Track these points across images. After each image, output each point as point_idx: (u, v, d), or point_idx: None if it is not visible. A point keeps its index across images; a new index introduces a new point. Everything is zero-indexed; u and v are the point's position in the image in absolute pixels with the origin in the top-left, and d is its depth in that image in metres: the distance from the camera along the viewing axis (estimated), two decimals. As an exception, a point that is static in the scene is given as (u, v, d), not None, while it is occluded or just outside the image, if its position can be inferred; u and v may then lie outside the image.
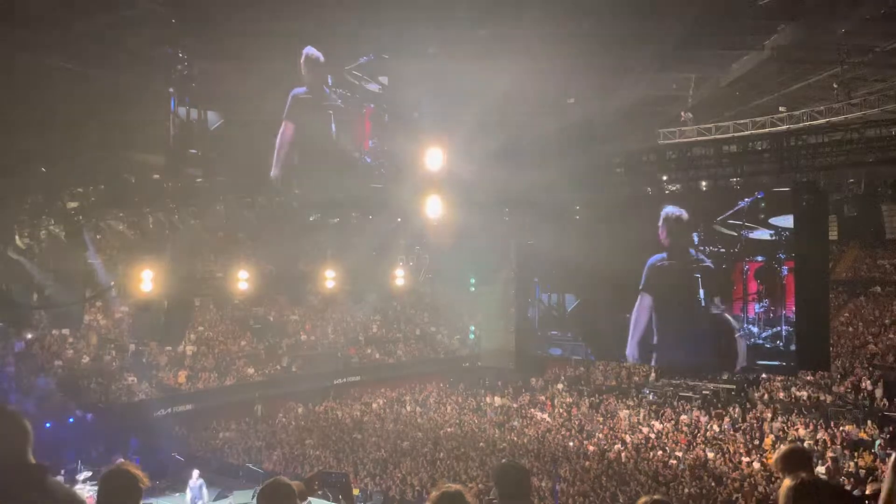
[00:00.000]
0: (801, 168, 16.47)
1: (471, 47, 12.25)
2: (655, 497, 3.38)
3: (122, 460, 18.76)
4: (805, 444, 21.24)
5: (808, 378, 25.54)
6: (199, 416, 26.12)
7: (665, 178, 17.75)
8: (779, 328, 15.95)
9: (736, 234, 16.40)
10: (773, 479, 17.61)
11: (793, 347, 15.71)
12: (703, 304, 16.80)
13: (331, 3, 11.43)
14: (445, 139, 13.49)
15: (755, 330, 16.25)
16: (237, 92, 10.45)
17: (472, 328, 36.02)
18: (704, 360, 18.18)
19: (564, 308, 19.20)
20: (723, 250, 16.61)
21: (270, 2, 10.86)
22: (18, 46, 10.02)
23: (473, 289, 24.80)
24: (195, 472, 18.29)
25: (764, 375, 26.08)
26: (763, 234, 16.14)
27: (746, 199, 16.23)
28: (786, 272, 16.02)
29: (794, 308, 15.81)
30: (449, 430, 25.74)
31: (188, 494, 17.99)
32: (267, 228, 15.65)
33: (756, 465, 19.89)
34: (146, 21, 10.45)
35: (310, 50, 11.07)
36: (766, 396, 25.91)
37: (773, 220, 16.04)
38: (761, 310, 16.22)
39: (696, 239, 16.89)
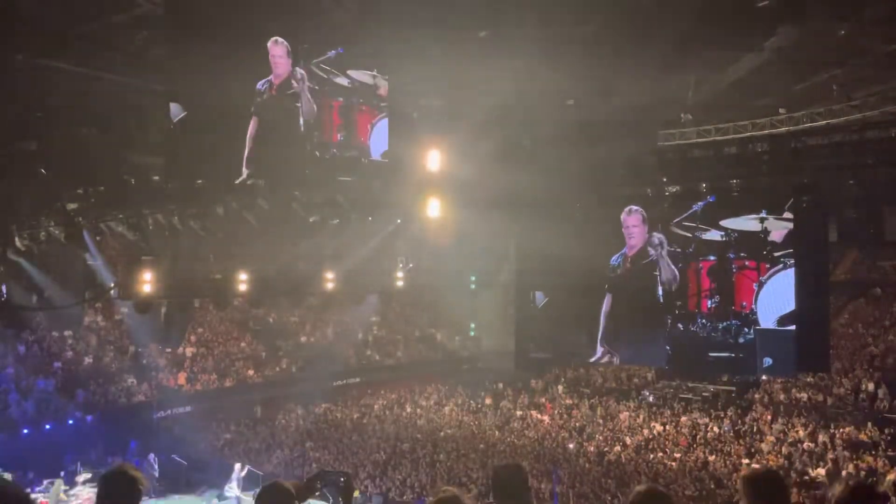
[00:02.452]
0: (800, 170, 16.49)
1: (471, 48, 12.26)
2: (650, 486, 3.43)
3: (148, 457, 19.19)
4: (807, 446, 21.27)
5: (808, 380, 25.53)
6: (198, 417, 26.09)
7: (665, 178, 17.79)
8: (728, 322, 17.17)
9: (690, 235, 17.53)
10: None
11: (741, 340, 16.95)
12: (660, 300, 17.91)
13: (332, 3, 11.46)
14: (445, 140, 13.51)
15: (708, 324, 17.36)
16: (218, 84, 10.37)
17: (472, 325, 36.07)
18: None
19: (535, 306, 19.62)
20: (678, 250, 17.74)
21: (270, 2, 10.88)
22: (18, 48, 10.03)
23: (474, 286, 24.88)
24: (237, 466, 19.39)
25: (764, 377, 26.08)
26: (714, 236, 17.33)
27: (699, 203, 17.35)
28: (735, 270, 17.32)
29: (742, 303, 17.10)
30: (449, 431, 25.73)
31: (234, 487, 18.85)
32: (266, 230, 15.66)
33: (756, 466, 19.86)
34: (145, 23, 10.47)
35: (277, 39, 11.00)
36: (765, 398, 25.90)
37: (724, 223, 17.23)
38: (713, 305, 17.45)
39: (655, 239, 17.86)
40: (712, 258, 17.46)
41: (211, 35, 10.21)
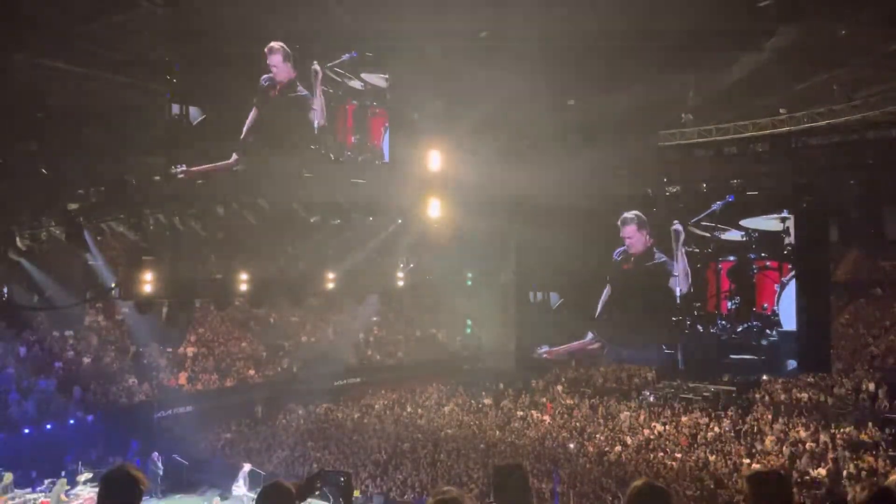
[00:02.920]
0: (801, 170, 16.50)
1: (472, 49, 12.27)
2: (646, 481, 3.42)
3: (152, 455, 19.26)
4: (808, 446, 21.26)
5: (809, 380, 25.51)
6: (199, 417, 26.10)
7: (665, 179, 17.78)
8: (749, 324, 16.71)
9: (709, 235, 17.12)
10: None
11: (763, 342, 16.55)
12: (666, 301, 17.59)
13: (333, 3, 11.47)
14: (445, 140, 13.53)
15: (728, 326, 16.92)
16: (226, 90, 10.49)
17: (469, 322, 36.07)
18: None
19: (549, 306, 19.44)
20: (697, 250, 17.31)
21: (271, 2, 10.89)
22: (18, 48, 10.04)
23: (470, 283, 24.89)
24: (246, 466, 19.48)
25: (765, 377, 26.07)
26: (734, 235, 16.89)
27: (718, 203, 16.94)
28: (756, 271, 16.83)
29: (764, 305, 16.64)
30: (449, 431, 25.72)
31: (241, 485, 18.90)
32: (268, 230, 15.68)
33: (757, 466, 19.84)
34: (146, 23, 10.48)
35: (273, 46, 11.13)
36: (766, 398, 25.89)
37: (744, 222, 16.81)
38: (733, 307, 16.97)
39: (673, 230, 17.50)
40: (732, 258, 17.03)
41: (214, 38, 10.30)
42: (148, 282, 14.54)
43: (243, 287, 16.85)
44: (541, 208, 18.15)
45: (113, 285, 16.21)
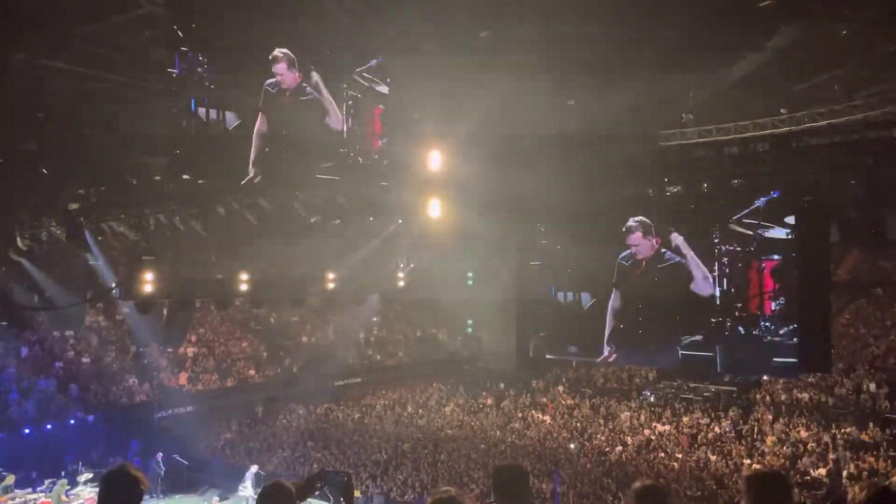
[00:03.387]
0: (801, 170, 16.48)
1: (472, 49, 12.28)
2: (647, 482, 3.42)
3: (156, 456, 19.19)
4: (808, 446, 21.26)
5: (810, 380, 25.50)
6: (200, 417, 26.12)
7: (666, 179, 17.76)
8: (795, 325, 16.06)
9: (751, 233, 16.48)
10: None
11: None
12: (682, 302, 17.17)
13: (333, 4, 11.48)
14: (445, 140, 13.54)
15: (772, 326, 16.29)
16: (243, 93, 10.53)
17: (470, 322, 36.09)
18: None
19: (581, 307, 19.13)
20: (738, 249, 16.68)
21: (271, 3, 10.90)
22: (18, 48, 10.04)
23: (471, 282, 24.86)
24: (254, 467, 19.47)
25: (765, 377, 26.07)
26: (779, 233, 16.26)
27: (762, 199, 16.34)
28: None
29: None
30: (450, 431, 25.73)
31: (248, 486, 18.87)
32: (268, 230, 15.68)
33: (757, 466, 19.82)
34: (147, 23, 10.49)
35: (276, 55, 11.16)
36: (767, 398, 25.88)
37: (790, 219, 16.20)
38: (778, 308, 16.31)
39: (673, 241, 17.22)
40: (776, 257, 16.46)
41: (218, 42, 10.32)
42: (148, 282, 14.54)
43: (243, 287, 16.86)
44: (540, 208, 18.10)
45: (113, 285, 16.19)
